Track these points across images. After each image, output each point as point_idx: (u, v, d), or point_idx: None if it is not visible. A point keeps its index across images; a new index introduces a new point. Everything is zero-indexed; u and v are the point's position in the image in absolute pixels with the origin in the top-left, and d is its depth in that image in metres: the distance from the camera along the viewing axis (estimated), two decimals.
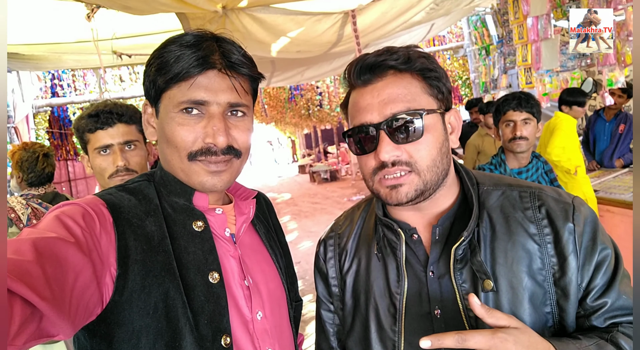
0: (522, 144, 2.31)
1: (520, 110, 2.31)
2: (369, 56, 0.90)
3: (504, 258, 0.88)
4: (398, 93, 0.87)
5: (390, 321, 0.94)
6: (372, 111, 0.87)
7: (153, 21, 3.49)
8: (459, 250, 0.89)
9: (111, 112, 1.52)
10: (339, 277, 1.08)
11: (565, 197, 0.93)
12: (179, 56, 0.85)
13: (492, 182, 0.98)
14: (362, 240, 1.06)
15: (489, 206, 0.94)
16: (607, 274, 0.87)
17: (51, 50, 4.20)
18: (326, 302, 1.11)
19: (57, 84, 7.38)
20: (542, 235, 0.88)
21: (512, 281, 0.86)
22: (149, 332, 0.79)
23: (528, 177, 2.38)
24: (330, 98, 10.99)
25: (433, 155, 0.88)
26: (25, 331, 0.61)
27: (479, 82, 7.40)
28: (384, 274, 0.97)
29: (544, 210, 0.90)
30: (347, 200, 11.13)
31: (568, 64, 5.12)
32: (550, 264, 0.87)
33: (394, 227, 0.95)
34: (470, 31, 7.40)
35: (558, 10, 4.78)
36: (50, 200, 2.51)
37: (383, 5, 3.56)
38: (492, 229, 0.91)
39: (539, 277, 0.87)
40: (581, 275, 0.86)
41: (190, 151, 0.88)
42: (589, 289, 0.86)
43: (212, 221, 0.94)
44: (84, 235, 0.75)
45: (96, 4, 2.82)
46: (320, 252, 1.14)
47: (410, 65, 0.88)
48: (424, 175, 0.87)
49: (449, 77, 0.95)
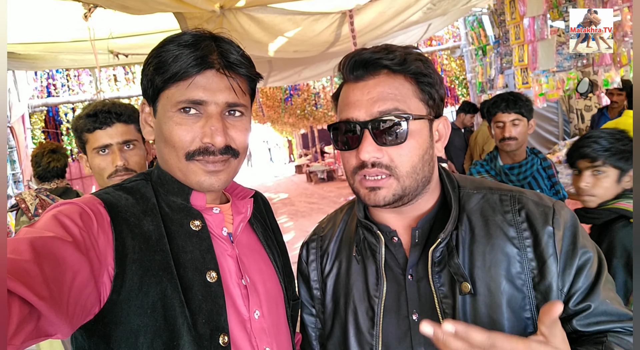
0: (512, 144, 2.40)
1: (509, 111, 2.39)
2: (365, 52, 0.89)
3: (482, 261, 0.87)
4: (388, 93, 0.86)
5: (369, 324, 0.94)
6: (359, 108, 0.87)
7: (150, 20, 3.49)
8: (437, 253, 0.88)
9: (109, 111, 1.51)
10: (320, 280, 1.07)
11: (546, 200, 0.91)
12: (177, 56, 0.85)
13: (473, 186, 0.97)
14: (343, 243, 1.05)
15: (469, 209, 0.93)
16: (589, 278, 0.85)
17: (47, 49, 4.18)
18: (308, 306, 1.11)
19: (51, 84, 7.35)
20: (522, 239, 0.87)
21: (490, 285, 0.85)
22: (147, 331, 0.79)
23: (521, 173, 2.44)
24: (326, 98, 10.99)
25: (414, 161, 0.87)
26: (23, 330, 0.61)
27: (476, 83, 7.41)
28: (364, 277, 0.97)
29: (524, 213, 0.89)
30: (343, 200, 11.13)
31: (564, 64, 5.13)
32: (530, 267, 0.86)
33: (373, 229, 0.94)
34: (467, 31, 7.41)
35: (554, 11, 4.79)
36: (60, 194, 2.66)
37: (380, 5, 3.56)
38: (471, 231, 0.90)
39: (517, 282, 0.85)
40: (562, 280, 0.85)
41: (187, 151, 0.88)
42: (570, 294, 0.85)
43: (210, 220, 0.94)
44: (82, 235, 0.75)
45: (94, 4, 2.81)
46: (302, 255, 1.13)
47: (405, 68, 0.87)
48: (403, 180, 0.87)
49: (443, 84, 0.95)
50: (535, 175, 2.46)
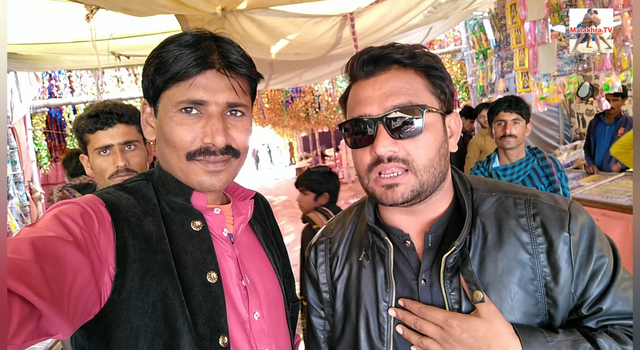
0: (511, 141, 2.58)
1: (511, 111, 2.59)
2: (373, 48, 0.88)
3: (494, 268, 0.86)
4: (400, 87, 0.85)
5: (379, 330, 0.92)
6: (372, 103, 0.85)
7: (151, 22, 3.49)
8: (450, 259, 0.86)
9: (111, 112, 1.52)
10: (330, 283, 1.05)
11: (562, 203, 0.89)
12: (178, 56, 0.85)
13: (486, 188, 0.95)
14: (353, 246, 1.03)
15: (483, 213, 0.91)
16: (604, 283, 0.84)
17: (49, 50, 4.19)
18: (317, 308, 1.09)
19: (54, 85, 7.36)
20: (535, 245, 0.86)
21: (502, 292, 0.84)
22: (147, 332, 0.79)
23: (514, 173, 2.60)
24: (328, 101, 10.99)
25: (431, 155, 0.85)
26: (24, 330, 0.61)
27: (477, 86, 7.41)
28: (374, 281, 0.95)
29: (539, 219, 0.87)
30: (344, 203, 11.12)
31: (565, 69, 5.13)
32: (543, 274, 0.85)
33: (381, 235, 0.93)
34: (468, 35, 7.42)
35: (555, 15, 4.80)
36: (80, 189, 3.08)
37: (381, 8, 3.57)
38: (484, 237, 0.88)
39: (530, 288, 0.84)
40: (575, 285, 0.84)
41: (188, 151, 0.88)
42: (583, 298, 0.85)
43: (210, 221, 0.94)
44: (83, 235, 0.75)
45: (95, 5, 2.82)
46: (311, 257, 1.11)
47: (415, 61, 0.87)
48: (421, 175, 0.85)
49: (452, 80, 0.95)
50: (530, 174, 2.60)
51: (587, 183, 4.47)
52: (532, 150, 2.69)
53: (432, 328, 0.84)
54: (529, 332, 0.80)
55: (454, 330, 0.81)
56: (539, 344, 0.79)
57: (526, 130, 2.62)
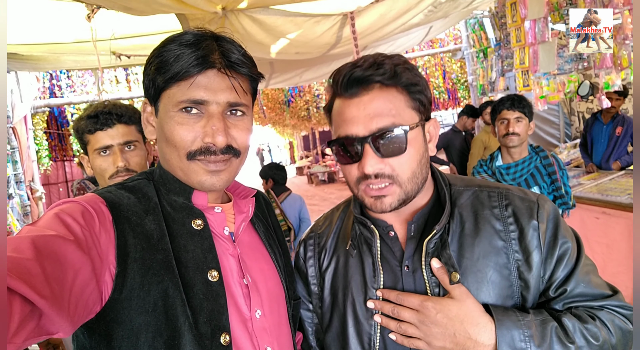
0: (514, 139, 2.58)
1: (514, 109, 2.59)
2: (355, 69, 0.91)
3: (470, 253, 0.94)
4: (383, 107, 0.89)
5: (367, 314, 0.99)
6: (357, 124, 0.90)
7: (152, 21, 3.49)
8: (431, 244, 0.94)
9: (110, 112, 1.52)
10: (318, 276, 1.12)
11: (530, 195, 0.99)
12: (179, 55, 0.85)
13: (463, 184, 1.05)
14: (340, 239, 1.11)
15: (460, 204, 1.00)
16: (569, 266, 0.93)
17: (50, 50, 4.19)
18: (305, 302, 1.15)
19: (55, 84, 7.37)
20: (508, 232, 0.95)
21: (478, 275, 0.92)
22: (148, 330, 0.79)
23: (517, 172, 2.62)
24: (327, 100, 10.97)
25: (413, 167, 0.93)
26: (24, 329, 0.61)
27: (477, 85, 7.41)
28: (361, 270, 1.02)
29: (511, 209, 0.97)
30: None
31: (565, 67, 5.13)
32: (515, 258, 0.93)
33: (367, 224, 1.00)
34: (468, 34, 7.42)
35: (555, 14, 4.79)
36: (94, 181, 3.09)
37: (381, 8, 3.57)
38: (461, 225, 0.97)
39: (504, 272, 0.92)
40: (544, 268, 0.93)
41: (189, 150, 0.88)
42: (551, 281, 0.93)
43: (211, 220, 0.95)
44: (83, 233, 0.75)
45: (96, 5, 2.82)
46: (300, 252, 1.18)
47: (396, 81, 0.91)
48: (405, 186, 0.92)
49: (429, 86, 0.99)
50: (533, 172, 2.61)
51: (587, 181, 4.47)
52: (534, 149, 2.69)
53: (409, 313, 0.92)
54: (502, 311, 0.88)
55: (429, 312, 0.89)
56: (511, 322, 0.86)
57: (529, 128, 2.62)
